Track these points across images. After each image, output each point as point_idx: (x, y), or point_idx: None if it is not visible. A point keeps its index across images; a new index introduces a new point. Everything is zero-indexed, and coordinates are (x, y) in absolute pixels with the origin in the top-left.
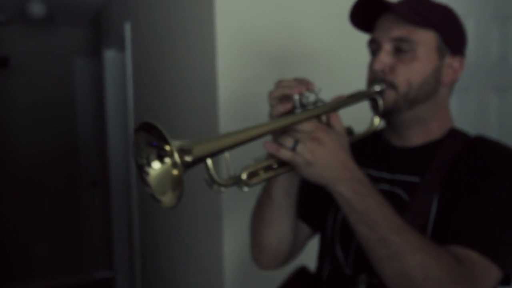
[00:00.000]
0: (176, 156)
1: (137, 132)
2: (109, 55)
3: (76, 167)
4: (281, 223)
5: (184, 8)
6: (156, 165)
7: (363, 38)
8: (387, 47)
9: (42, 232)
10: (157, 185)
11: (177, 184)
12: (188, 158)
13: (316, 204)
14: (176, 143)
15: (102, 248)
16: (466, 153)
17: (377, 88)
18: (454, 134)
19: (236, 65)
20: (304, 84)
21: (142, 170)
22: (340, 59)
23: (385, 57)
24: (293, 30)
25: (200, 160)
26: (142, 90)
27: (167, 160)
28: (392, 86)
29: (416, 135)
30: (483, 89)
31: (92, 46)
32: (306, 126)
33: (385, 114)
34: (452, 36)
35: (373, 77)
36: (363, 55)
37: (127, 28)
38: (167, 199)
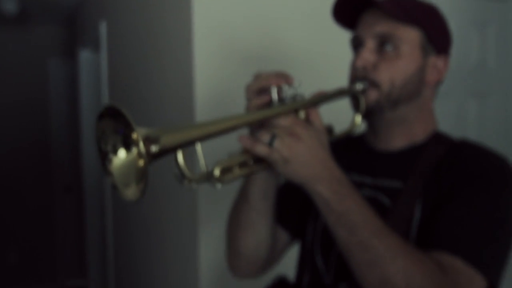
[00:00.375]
0: (141, 145)
1: (102, 118)
2: (84, 55)
3: (49, 171)
4: (259, 227)
5: (162, 6)
6: (121, 153)
7: (341, 35)
8: (370, 43)
9: (12, 239)
10: (121, 175)
11: (142, 176)
12: (154, 148)
13: (295, 210)
14: (142, 130)
15: (75, 255)
16: (449, 157)
17: (359, 86)
18: (438, 138)
19: (213, 63)
20: (283, 77)
21: (105, 157)
22: (319, 57)
23: (368, 54)
24: (271, 27)
25: (168, 151)
26: (118, 91)
27: (133, 149)
28: (375, 84)
29: (399, 138)
30: (462, 95)
31: (66, 45)
32: (284, 121)
33: (367, 114)
34: (437, 34)
35: (355, 75)
36: (342, 53)
37: (103, 27)
38: (130, 191)
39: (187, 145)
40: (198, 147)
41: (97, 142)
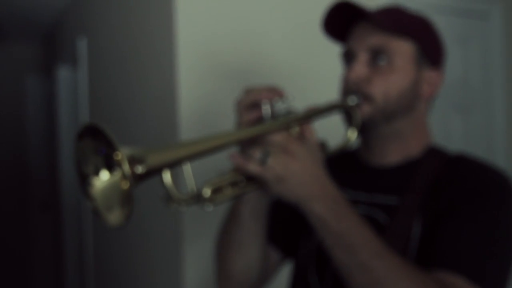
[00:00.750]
0: (126, 165)
1: (82, 137)
2: (62, 72)
3: (25, 189)
4: (250, 248)
5: (145, 21)
6: (103, 176)
7: (326, 50)
8: (363, 56)
9: None
10: (103, 200)
11: (127, 199)
12: (140, 169)
13: (287, 227)
14: (126, 150)
15: (52, 276)
16: (446, 172)
17: (352, 100)
18: (434, 152)
19: (197, 78)
20: (275, 91)
21: (85, 180)
22: (303, 71)
23: (361, 67)
24: (255, 42)
25: (155, 172)
26: (98, 109)
27: (117, 171)
28: (368, 98)
29: (394, 152)
30: (446, 110)
31: (44, 62)
32: (277, 137)
33: (361, 129)
34: (430, 47)
35: (347, 88)
36: (326, 67)
37: (83, 44)
38: (114, 216)
39: (175, 165)
40: (186, 166)
41: (76, 164)
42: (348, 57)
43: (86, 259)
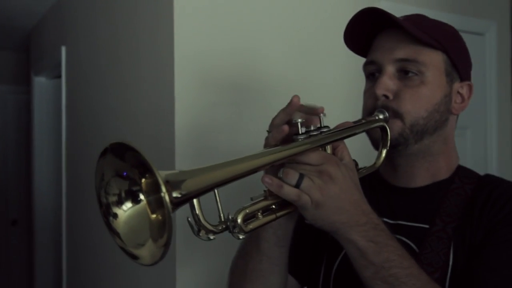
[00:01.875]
0: (165, 192)
1: (103, 157)
2: (39, 81)
3: None
4: (271, 277)
5: (139, 35)
6: (127, 204)
7: (322, 66)
8: (390, 70)
9: None
10: (130, 233)
11: (161, 228)
12: (176, 195)
13: (307, 255)
14: (162, 173)
15: None
16: (479, 196)
17: (381, 116)
18: (463, 173)
19: (193, 93)
20: (309, 109)
21: (107, 211)
22: (297, 86)
23: (389, 81)
24: (251, 57)
25: (190, 198)
26: (77, 119)
27: (141, 197)
28: (397, 115)
29: (422, 173)
30: None
31: (18, 72)
32: (313, 158)
33: (389, 148)
34: (460, 58)
35: (373, 104)
36: (321, 82)
37: (63, 53)
38: (146, 252)
39: (211, 189)
40: (216, 192)
41: (97, 191)
42: (372, 70)
43: (61, 278)
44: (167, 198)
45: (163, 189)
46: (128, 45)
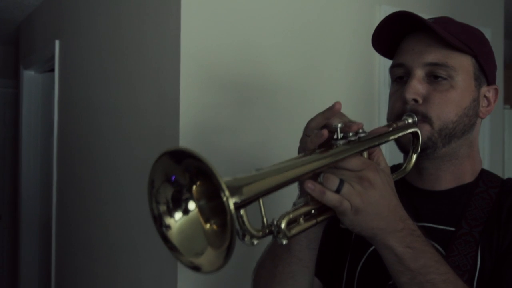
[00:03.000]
0: (230, 199)
1: (158, 162)
2: (29, 75)
3: None
4: (300, 279)
5: (142, 30)
6: (178, 214)
7: (324, 62)
8: (419, 73)
9: None
10: (185, 242)
11: (220, 235)
12: (235, 200)
13: (330, 256)
14: (225, 180)
15: None
16: (505, 201)
17: (409, 120)
18: (487, 177)
19: (198, 89)
20: (345, 117)
21: (160, 222)
22: (301, 83)
23: (419, 85)
24: (256, 54)
25: (247, 204)
26: (70, 114)
27: (191, 205)
28: (426, 119)
29: (448, 177)
30: None
31: (6, 65)
32: (353, 163)
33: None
34: (488, 62)
35: (401, 108)
36: (324, 80)
37: (56, 47)
38: (206, 260)
39: (263, 195)
40: (260, 199)
41: (150, 200)
42: (400, 73)
43: (50, 275)
44: (231, 202)
45: (227, 193)
46: (132, 41)
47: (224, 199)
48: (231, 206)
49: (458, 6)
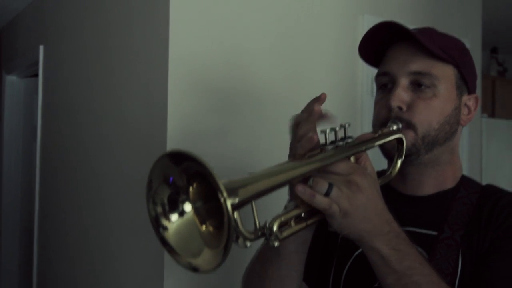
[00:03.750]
0: (227, 200)
1: (158, 163)
2: (11, 80)
3: None
4: (288, 283)
5: (130, 36)
6: (174, 215)
7: (310, 69)
8: (404, 82)
9: None
10: (182, 244)
11: (216, 235)
12: (232, 201)
13: (316, 260)
14: (224, 181)
15: None
16: (485, 205)
17: (394, 127)
18: (467, 183)
19: (186, 99)
20: (330, 117)
21: (157, 224)
22: (287, 88)
23: (403, 93)
24: (242, 66)
25: (242, 205)
26: (54, 120)
27: (187, 207)
28: (410, 126)
29: (430, 182)
30: None
31: None
32: (342, 168)
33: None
34: (469, 72)
35: (386, 115)
36: (311, 86)
37: (40, 52)
38: (203, 260)
39: (258, 197)
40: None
41: (147, 201)
42: (385, 81)
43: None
44: (229, 203)
45: (225, 194)
46: (118, 46)
47: (222, 200)
48: (229, 207)
49: (438, 16)
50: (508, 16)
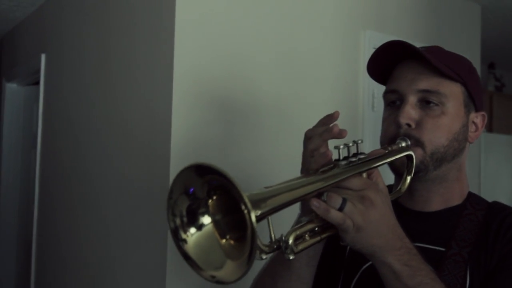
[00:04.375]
0: (252, 212)
1: (179, 175)
2: (11, 88)
3: None
4: None
5: (135, 48)
6: (193, 229)
7: (310, 88)
8: (412, 100)
9: None
10: (203, 256)
11: (237, 247)
12: (255, 213)
13: (324, 274)
14: (247, 193)
15: None
16: (492, 223)
17: (403, 144)
18: (474, 199)
19: (190, 108)
20: (341, 133)
21: (177, 237)
22: (288, 98)
23: (412, 111)
24: (245, 77)
25: (263, 218)
26: (54, 128)
27: (206, 219)
28: (418, 143)
29: (437, 199)
30: None
31: None
32: (355, 183)
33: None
34: (476, 90)
35: (395, 132)
36: (309, 105)
37: (42, 60)
38: (226, 272)
39: (277, 211)
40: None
41: (167, 212)
42: (393, 98)
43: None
44: (253, 215)
45: (249, 205)
46: (122, 57)
47: (246, 212)
48: (253, 219)
49: (439, 33)
50: (506, 32)
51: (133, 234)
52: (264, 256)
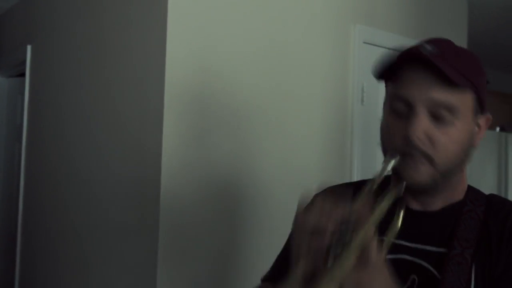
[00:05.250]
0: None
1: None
2: None
3: None
4: None
5: (127, 44)
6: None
7: (299, 83)
8: (423, 110)
9: None
10: None
11: None
12: None
13: None
14: None
15: None
16: (493, 222)
17: (393, 163)
18: (472, 194)
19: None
20: (338, 212)
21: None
22: (270, 97)
23: (422, 124)
24: (232, 76)
25: None
26: (41, 120)
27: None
28: (428, 158)
29: (440, 200)
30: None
31: None
32: (349, 270)
33: (416, 190)
34: (484, 93)
35: (403, 145)
36: (299, 102)
37: (28, 52)
38: None
39: None
40: None
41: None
42: (400, 106)
43: None
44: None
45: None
46: (113, 49)
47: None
48: None
49: (426, 27)
50: (492, 29)
51: (122, 228)
52: None
